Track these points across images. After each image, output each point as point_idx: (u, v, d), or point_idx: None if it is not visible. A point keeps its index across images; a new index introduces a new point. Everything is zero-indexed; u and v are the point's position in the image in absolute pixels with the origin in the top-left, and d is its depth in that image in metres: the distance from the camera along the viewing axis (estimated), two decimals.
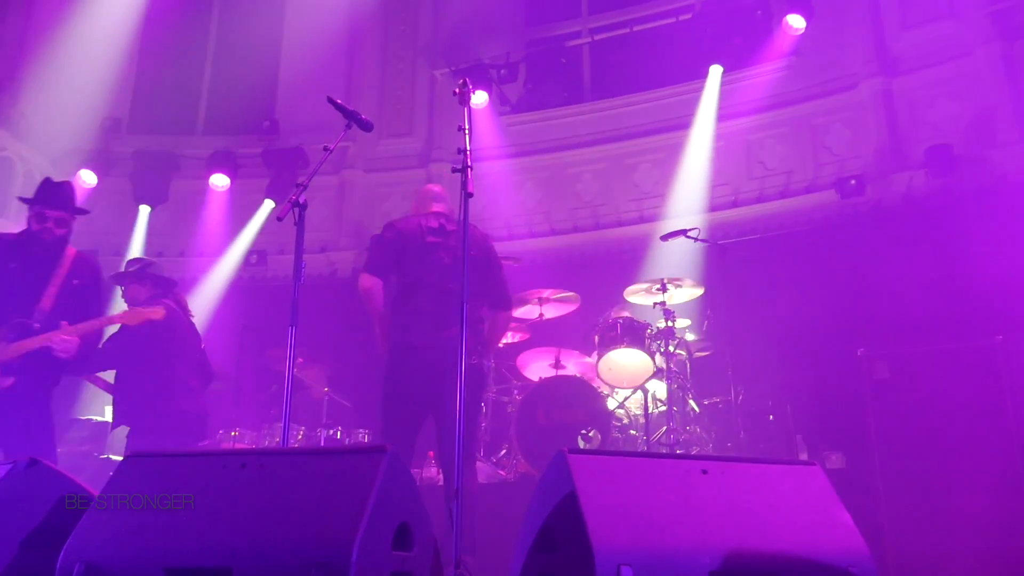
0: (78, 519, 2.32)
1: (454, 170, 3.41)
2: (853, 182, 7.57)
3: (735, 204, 8.35)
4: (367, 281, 4.42)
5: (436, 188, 4.86)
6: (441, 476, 4.76)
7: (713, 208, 8.31)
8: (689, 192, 8.43)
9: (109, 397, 5.36)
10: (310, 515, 2.16)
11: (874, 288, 6.92)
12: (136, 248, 9.21)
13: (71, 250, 4.55)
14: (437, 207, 4.63)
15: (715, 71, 8.41)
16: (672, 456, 3.34)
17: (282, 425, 3.65)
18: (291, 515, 2.17)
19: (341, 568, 2.00)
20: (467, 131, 3.51)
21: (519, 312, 6.60)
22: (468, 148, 3.43)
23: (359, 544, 2.04)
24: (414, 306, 4.32)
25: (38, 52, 9.86)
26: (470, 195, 3.33)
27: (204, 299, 8.87)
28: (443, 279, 4.29)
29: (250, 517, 2.19)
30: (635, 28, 9.47)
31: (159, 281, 5.30)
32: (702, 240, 6.46)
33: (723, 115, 8.44)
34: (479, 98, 8.85)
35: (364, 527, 2.07)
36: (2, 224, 8.91)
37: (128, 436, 5.07)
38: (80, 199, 9.37)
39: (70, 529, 2.28)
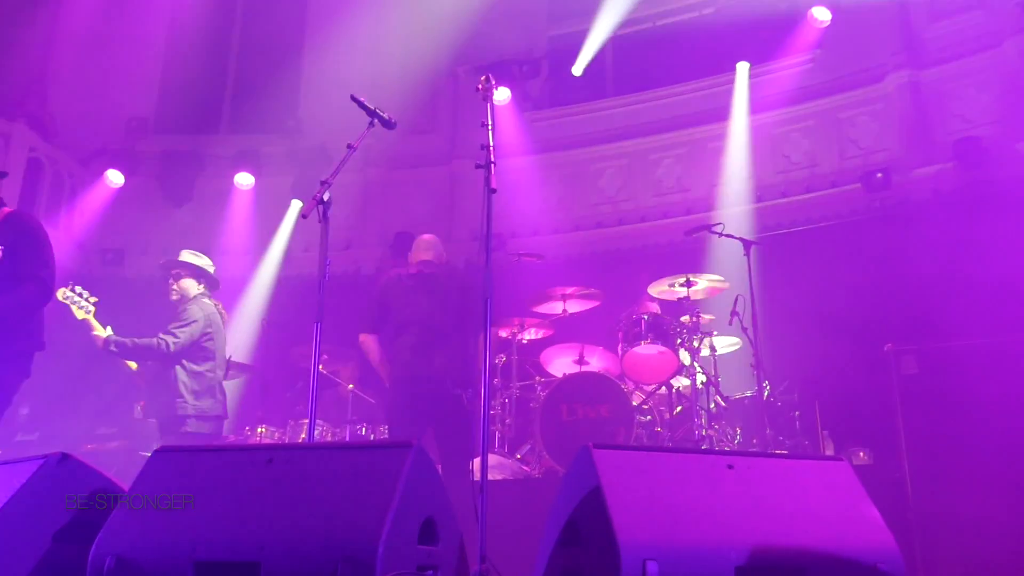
0: (108, 513, 2.35)
1: (477, 166, 3.41)
2: (879, 175, 7.50)
3: (760, 199, 8.30)
4: (363, 337, 5.28)
5: (427, 237, 5.47)
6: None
7: (738, 203, 8.26)
8: (713, 187, 8.39)
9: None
10: (337, 510, 2.17)
11: (901, 283, 6.85)
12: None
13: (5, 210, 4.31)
14: (424, 256, 5.31)
15: (742, 68, 8.35)
16: (698, 451, 3.31)
17: (308, 421, 3.67)
18: (318, 509, 2.18)
19: (368, 562, 2.01)
20: (490, 127, 3.51)
21: (542, 308, 6.60)
22: (491, 144, 3.43)
23: (385, 538, 2.05)
24: (402, 343, 5.05)
25: (65, 54, 9.98)
26: (493, 191, 3.33)
27: (231, 296, 8.95)
28: (425, 317, 5.02)
29: (277, 511, 2.21)
30: (657, 23, 9.43)
31: (212, 281, 5.56)
32: (727, 235, 6.41)
33: (748, 109, 8.39)
34: (501, 94, 8.85)
35: (390, 522, 2.09)
36: None
37: (161, 431, 5.20)
38: (108, 199, 9.56)
39: (101, 523, 2.31)
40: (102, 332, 5.21)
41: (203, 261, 5.62)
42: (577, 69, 9.10)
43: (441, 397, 4.95)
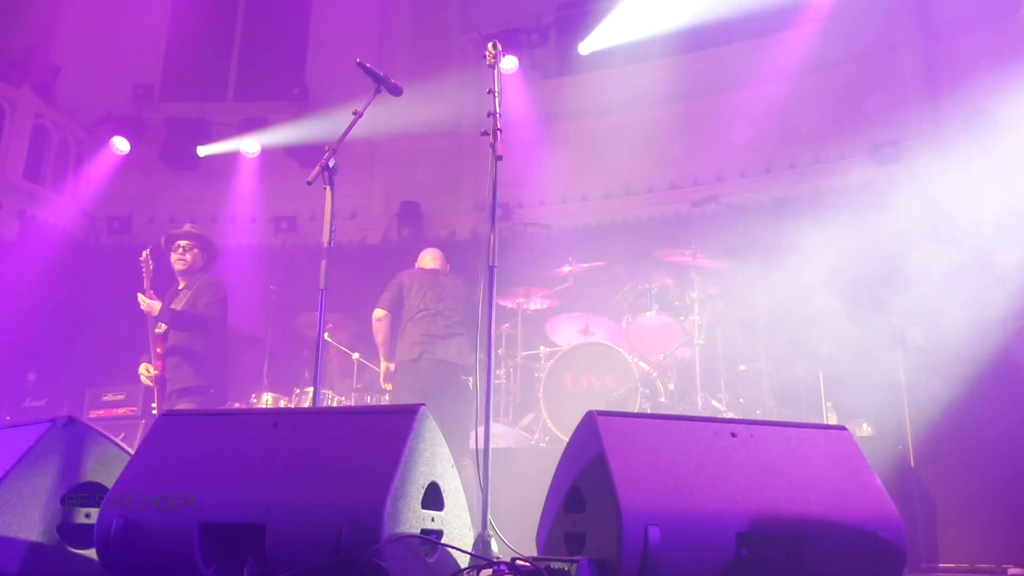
0: (116, 476, 2.37)
1: (483, 133, 3.39)
2: (890, 148, 7.43)
3: (768, 170, 8.24)
4: (379, 313, 5.76)
5: (433, 250, 6.26)
6: None
7: (745, 175, 8.21)
8: (721, 159, 8.33)
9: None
10: (342, 473, 2.18)
11: (909, 256, 6.80)
12: None
13: None
14: (434, 265, 6.08)
15: (751, 38, 8.27)
16: (701, 419, 3.31)
17: (313, 388, 3.69)
18: (323, 473, 2.20)
19: (372, 525, 2.03)
20: (497, 94, 3.48)
21: (548, 278, 6.59)
22: (498, 111, 3.41)
23: (390, 502, 2.07)
24: (412, 328, 5.63)
25: (70, 21, 9.92)
26: (499, 158, 3.31)
27: (236, 264, 8.97)
28: (441, 308, 5.65)
29: (283, 475, 2.23)
30: None
31: (215, 254, 5.86)
32: (734, 206, 6.38)
33: (757, 80, 8.30)
34: (509, 63, 8.78)
35: (395, 485, 2.10)
36: (38, 191, 9.05)
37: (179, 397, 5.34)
38: (114, 166, 9.56)
39: (108, 485, 2.33)
40: (156, 304, 5.41)
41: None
42: (585, 49, 9.00)
43: (451, 380, 5.54)
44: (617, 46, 9.55)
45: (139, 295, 5.43)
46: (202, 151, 9.51)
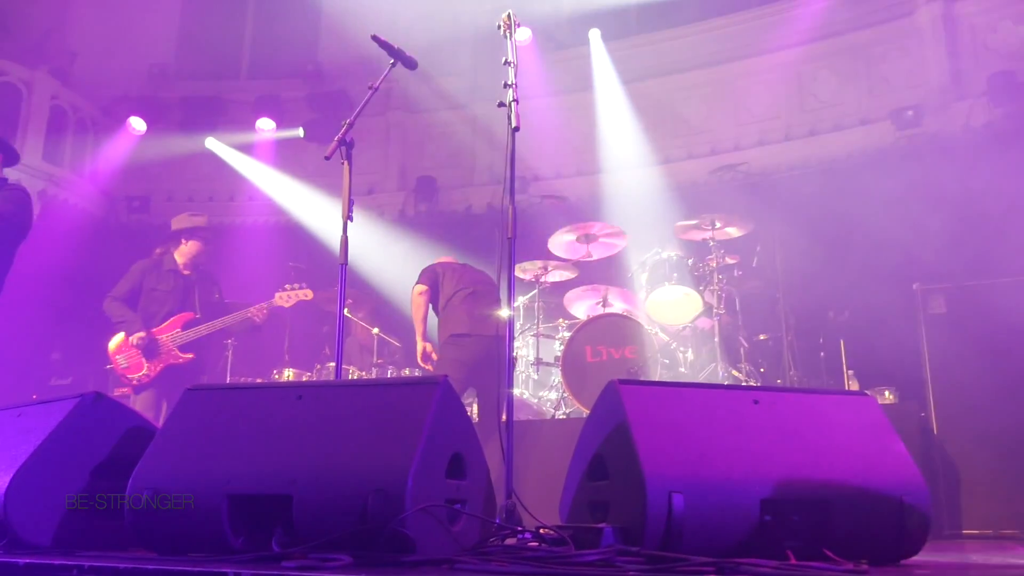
0: (143, 450, 2.40)
1: (500, 104, 3.37)
2: (910, 113, 7.35)
3: (787, 138, 8.17)
4: (420, 288, 5.71)
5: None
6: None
7: (763, 142, 8.13)
8: (738, 127, 8.25)
9: None
10: (366, 444, 2.20)
11: (931, 221, 6.74)
12: None
13: None
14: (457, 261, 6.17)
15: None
16: (723, 387, 3.31)
17: (335, 363, 3.72)
18: (348, 445, 2.22)
19: (397, 495, 2.04)
20: (513, 64, 3.46)
21: (566, 250, 6.57)
22: (514, 81, 3.39)
23: (414, 472, 2.08)
24: (456, 306, 5.63)
25: (84, 3, 9.93)
26: (516, 129, 3.30)
27: (255, 242, 9.04)
28: (472, 287, 5.67)
29: (308, 446, 2.24)
30: None
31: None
32: (752, 174, 6.33)
33: (774, 46, 8.20)
34: (522, 34, 8.71)
35: (419, 455, 2.11)
36: (57, 172, 9.11)
37: None
38: (131, 146, 9.61)
39: (136, 459, 2.36)
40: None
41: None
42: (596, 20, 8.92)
43: (500, 355, 5.38)
44: (632, 15, 9.46)
45: None
46: (210, 144, 9.51)
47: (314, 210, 9.31)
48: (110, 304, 5.75)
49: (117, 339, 5.67)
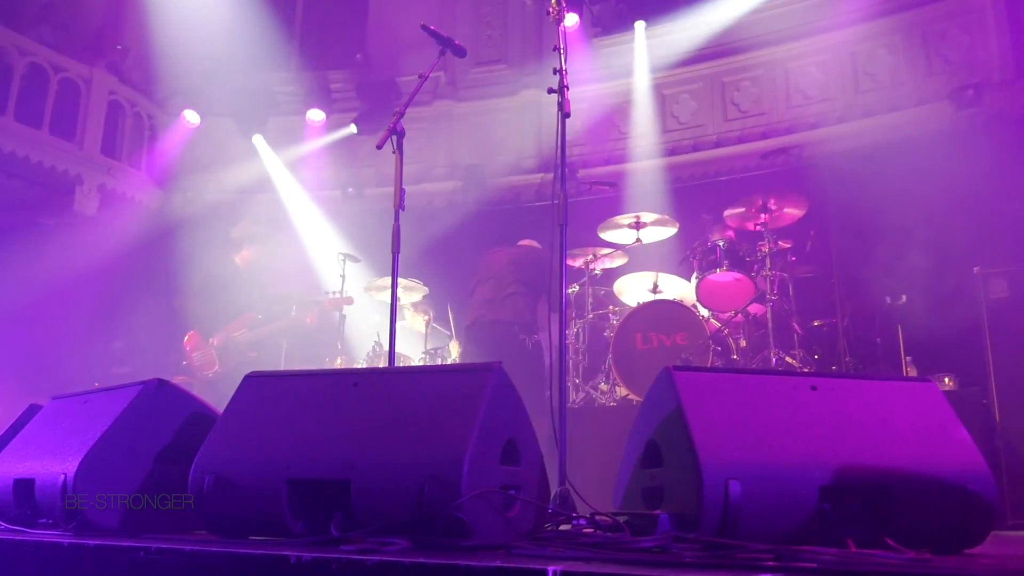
0: (205, 435, 2.45)
1: (550, 91, 3.37)
2: (970, 92, 7.13)
3: (841, 120, 7.99)
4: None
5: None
6: None
7: (816, 125, 7.98)
8: (790, 109, 8.10)
9: None
10: (422, 430, 2.22)
11: (991, 203, 6.55)
12: None
13: None
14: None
15: None
16: (779, 372, 3.26)
17: (388, 350, 3.76)
18: (404, 430, 2.24)
19: (453, 481, 2.06)
20: (562, 51, 3.45)
21: (616, 237, 6.53)
22: (564, 67, 3.38)
23: (470, 457, 2.09)
24: (472, 299, 6.04)
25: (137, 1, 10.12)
26: (567, 115, 3.29)
27: (305, 232, 9.16)
28: (491, 272, 6.06)
29: (365, 432, 2.28)
30: None
31: None
32: (805, 157, 6.21)
33: (827, 26, 8.03)
34: (570, 20, 8.65)
35: (474, 441, 2.13)
36: (115, 165, 9.32)
37: None
38: (186, 139, 9.82)
39: (198, 444, 2.42)
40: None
41: None
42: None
43: (507, 339, 5.86)
44: None
45: None
46: (256, 141, 9.65)
47: (364, 198, 9.39)
48: (185, 303, 6.16)
49: (193, 337, 5.99)
